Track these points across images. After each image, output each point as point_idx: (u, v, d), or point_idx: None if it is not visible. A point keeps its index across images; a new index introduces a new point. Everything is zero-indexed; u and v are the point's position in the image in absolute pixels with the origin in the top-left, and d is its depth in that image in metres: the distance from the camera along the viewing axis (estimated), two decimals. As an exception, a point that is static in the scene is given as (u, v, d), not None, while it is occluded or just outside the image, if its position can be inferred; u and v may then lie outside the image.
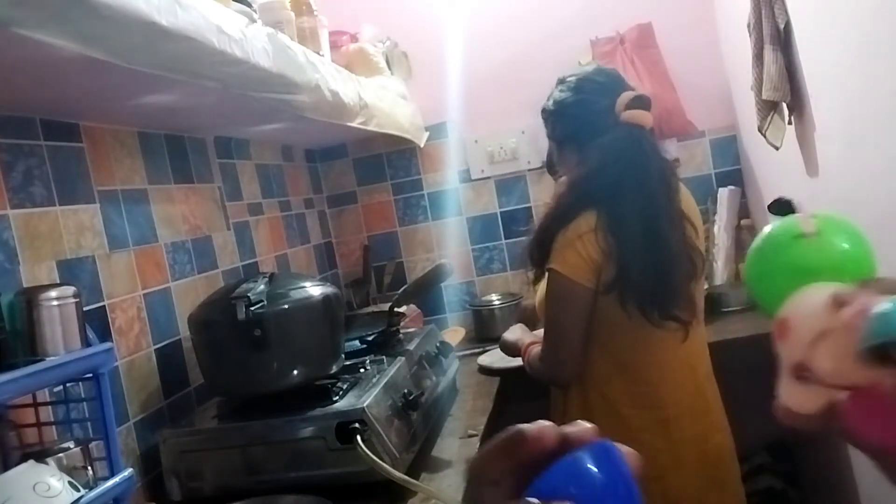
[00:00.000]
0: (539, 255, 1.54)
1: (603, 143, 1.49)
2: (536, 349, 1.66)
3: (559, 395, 1.64)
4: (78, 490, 0.88)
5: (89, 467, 0.99)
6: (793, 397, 0.43)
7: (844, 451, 1.87)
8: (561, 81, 1.64)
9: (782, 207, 0.47)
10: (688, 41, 2.49)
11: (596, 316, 1.50)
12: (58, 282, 1.18)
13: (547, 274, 1.52)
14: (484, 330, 2.48)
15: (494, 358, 2.09)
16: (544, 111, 1.66)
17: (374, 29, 2.45)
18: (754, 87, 1.79)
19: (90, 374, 0.99)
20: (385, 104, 2.14)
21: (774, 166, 2.07)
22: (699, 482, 1.50)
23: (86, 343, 0.99)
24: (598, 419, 1.51)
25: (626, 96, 1.52)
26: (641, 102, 1.52)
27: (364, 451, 1.18)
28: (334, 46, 2.15)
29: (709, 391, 1.59)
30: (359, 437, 1.20)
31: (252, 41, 1.23)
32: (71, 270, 1.27)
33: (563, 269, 1.47)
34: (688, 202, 1.58)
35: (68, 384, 1.07)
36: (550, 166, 1.74)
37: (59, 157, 1.30)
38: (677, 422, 1.51)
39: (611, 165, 1.48)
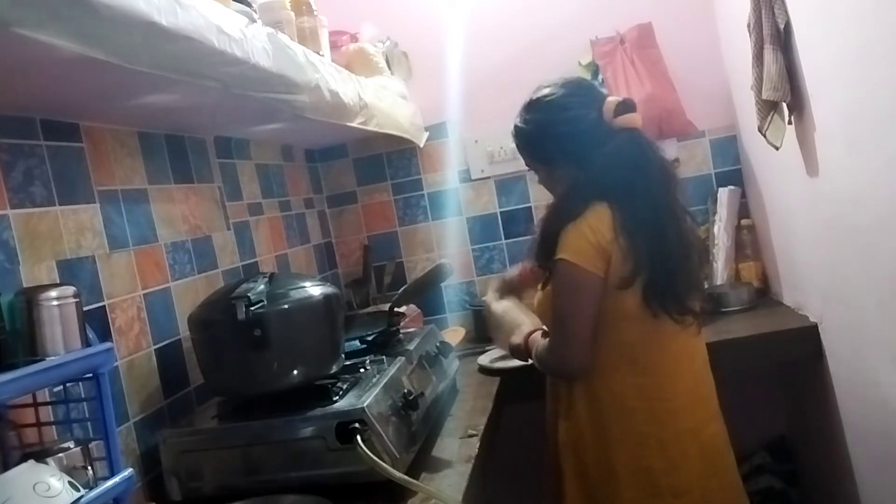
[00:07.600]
0: (546, 253, 1.53)
1: (607, 151, 1.51)
2: (540, 340, 1.64)
3: (563, 390, 1.61)
4: (78, 490, 0.88)
5: (89, 467, 0.99)
6: None
7: (844, 450, 1.87)
8: (534, 103, 1.62)
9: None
10: (688, 41, 2.49)
11: (608, 309, 1.49)
12: (58, 282, 1.18)
13: (556, 265, 1.50)
14: (484, 330, 2.47)
15: (494, 358, 2.09)
16: (522, 135, 1.65)
17: (374, 29, 2.45)
18: (754, 87, 1.79)
19: (90, 374, 0.99)
20: (385, 104, 2.14)
21: (774, 166, 2.07)
22: (700, 472, 1.51)
23: (86, 343, 0.99)
24: (605, 412, 1.53)
25: (611, 103, 1.54)
26: (628, 106, 1.55)
27: (364, 451, 1.18)
28: (334, 46, 2.15)
29: (706, 380, 1.60)
30: (359, 437, 1.20)
31: (252, 41, 1.23)
32: (71, 270, 1.27)
33: (573, 259, 1.47)
34: None
35: (68, 384, 1.07)
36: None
37: (59, 157, 1.30)
38: (681, 413, 1.51)
39: (616, 169, 1.50)
